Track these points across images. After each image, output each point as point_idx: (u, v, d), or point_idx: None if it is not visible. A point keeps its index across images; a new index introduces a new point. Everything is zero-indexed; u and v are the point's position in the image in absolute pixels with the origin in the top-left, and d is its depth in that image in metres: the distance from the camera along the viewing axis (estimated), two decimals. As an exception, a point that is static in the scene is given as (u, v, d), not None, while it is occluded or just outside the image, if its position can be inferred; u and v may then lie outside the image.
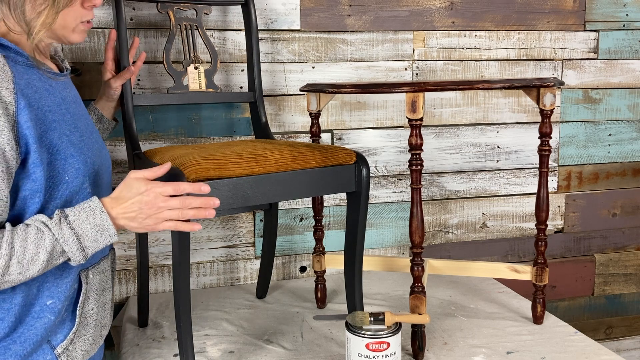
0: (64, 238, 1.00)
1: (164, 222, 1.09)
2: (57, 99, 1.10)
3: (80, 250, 1.02)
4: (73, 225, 1.01)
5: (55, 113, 1.07)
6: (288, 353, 1.45)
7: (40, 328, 1.08)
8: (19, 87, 1.00)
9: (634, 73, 2.23)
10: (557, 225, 2.23)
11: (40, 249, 0.98)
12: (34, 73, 1.07)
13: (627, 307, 2.36)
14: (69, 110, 1.12)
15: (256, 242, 1.95)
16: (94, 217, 1.03)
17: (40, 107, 1.04)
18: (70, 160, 1.07)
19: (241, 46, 1.85)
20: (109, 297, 1.23)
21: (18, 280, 0.98)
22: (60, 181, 1.06)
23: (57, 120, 1.07)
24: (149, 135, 1.81)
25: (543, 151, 1.51)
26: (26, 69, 1.05)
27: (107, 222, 1.04)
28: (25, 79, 1.03)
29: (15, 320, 1.05)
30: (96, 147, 1.18)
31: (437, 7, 2.00)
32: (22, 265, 0.97)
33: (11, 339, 1.06)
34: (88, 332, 1.16)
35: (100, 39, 1.74)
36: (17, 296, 1.05)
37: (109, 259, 1.23)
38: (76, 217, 1.02)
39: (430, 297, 1.79)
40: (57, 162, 1.05)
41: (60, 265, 1.08)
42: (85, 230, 1.02)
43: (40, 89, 1.06)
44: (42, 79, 1.08)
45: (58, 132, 1.06)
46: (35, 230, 0.99)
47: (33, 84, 1.05)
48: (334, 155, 1.41)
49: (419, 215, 1.37)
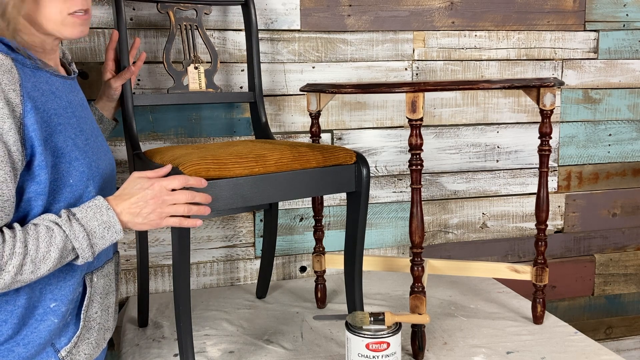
0: (75, 234, 1.01)
1: (167, 217, 1.10)
2: (63, 102, 1.10)
3: (90, 247, 1.03)
4: (82, 222, 1.02)
5: (61, 116, 1.08)
6: (288, 353, 1.45)
7: (44, 331, 1.08)
8: (26, 90, 1.00)
9: (634, 73, 2.23)
10: (557, 225, 2.23)
11: (51, 247, 0.99)
12: (41, 76, 1.07)
13: (627, 307, 2.36)
14: (75, 113, 1.13)
15: (256, 242, 1.95)
16: (100, 214, 1.04)
17: (47, 110, 1.04)
18: (74, 163, 1.07)
19: (241, 46, 1.86)
20: (112, 300, 1.23)
21: (29, 280, 0.99)
22: (64, 184, 1.06)
23: (63, 123, 1.07)
24: (149, 135, 1.81)
25: (543, 151, 1.51)
26: (34, 71, 1.06)
27: (114, 219, 1.05)
28: (32, 81, 1.03)
29: (18, 322, 1.05)
30: (101, 150, 1.18)
31: (437, 7, 2.00)
32: (35, 264, 0.98)
33: (15, 341, 1.06)
34: (92, 336, 1.16)
35: (100, 38, 1.74)
36: (21, 298, 1.05)
37: (113, 263, 1.23)
38: (84, 215, 1.03)
39: (430, 297, 1.79)
40: (62, 165, 1.06)
41: (63, 268, 1.09)
42: (93, 227, 1.03)
43: (46, 92, 1.06)
44: (49, 82, 1.09)
45: (63, 135, 1.06)
46: (45, 229, 0.99)
47: (40, 86, 1.05)
48: (334, 155, 1.41)
49: (419, 215, 1.37)
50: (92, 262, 1.16)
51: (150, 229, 1.11)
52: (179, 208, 1.10)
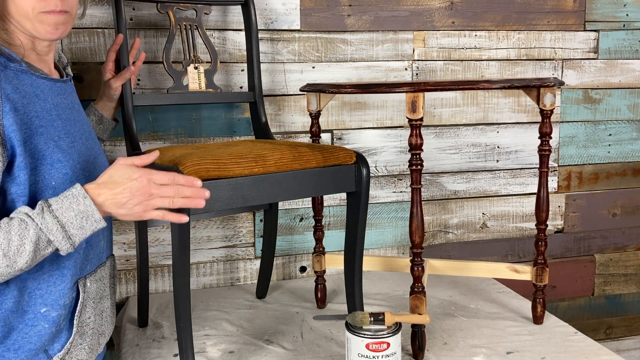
0: (48, 227, 0.98)
1: (152, 210, 1.06)
2: (47, 105, 1.10)
3: (67, 238, 1.00)
4: (56, 213, 0.99)
5: (44, 119, 1.07)
6: (288, 353, 1.45)
7: (34, 336, 1.07)
8: (5, 92, 1.00)
9: (634, 73, 2.23)
10: (557, 225, 2.23)
11: (25, 239, 0.97)
12: (26, 78, 1.07)
13: (627, 307, 2.36)
14: (61, 116, 1.12)
15: (256, 242, 1.95)
16: (77, 203, 1.00)
17: (27, 112, 1.04)
18: (57, 165, 1.07)
19: (241, 46, 1.85)
20: (107, 304, 1.22)
21: (7, 273, 0.97)
22: (46, 186, 1.05)
23: (45, 125, 1.07)
24: (149, 135, 1.81)
25: (543, 151, 1.51)
26: (17, 74, 1.06)
27: (91, 208, 1.01)
28: (13, 83, 1.03)
29: (5, 325, 1.05)
30: (90, 154, 1.17)
31: (437, 7, 2.00)
32: (9, 257, 0.96)
33: (5, 346, 1.05)
34: (85, 341, 1.15)
35: (100, 39, 1.74)
36: (8, 302, 1.05)
37: (106, 267, 1.23)
38: (59, 206, 1.00)
39: (430, 297, 1.79)
40: (43, 167, 1.05)
41: (52, 272, 1.08)
42: (70, 217, 1.00)
43: (29, 94, 1.06)
44: (34, 84, 1.09)
45: (44, 138, 1.06)
46: (19, 222, 0.97)
47: (22, 89, 1.05)
48: (334, 155, 1.41)
49: (419, 215, 1.37)
50: (85, 267, 1.15)
51: (133, 220, 1.08)
52: (165, 201, 1.06)
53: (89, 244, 1.15)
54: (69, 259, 1.10)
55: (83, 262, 1.14)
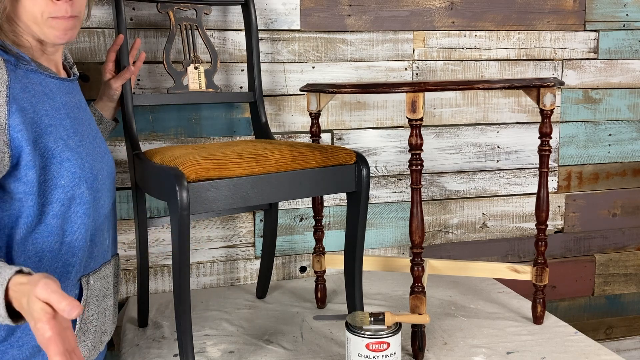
0: None
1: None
2: (56, 104, 1.10)
3: None
4: None
5: (53, 117, 1.08)
6: (288, 353, 1.45)
7: None
8: (13, 92, 1.00)
9: (634, 73, 2.23)
10: (557, 225, 2.23)
11: None
12: (35, 78, 1.07)
13: (627, 307, 2.36)
14: (69, 115, 1.13)
15: (256, 242, 1.95)
16: None
17: (37, 111, 1.04)
18: (65, 164, 1.07)
19: (241, 46, 1.85)
20: (110, 303, 1.22)
21: None
22: (55, 185, 1.06)
23: (54, 124, 1.07)
24: (149, 135, 1.81)
25: (543, 151, 1.51)
26: (26, 73, 1.06)
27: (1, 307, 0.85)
28: (23, 82, 1.04)
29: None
30: (97, 152, 1.18)
31: (437, 7, 2.00)
32: None
33: (9, 343, 1.05)
34: (88, 338, 1.15)
35: (100, 39, 1.74)
36: None
37: (111, 265, 1.23)
38: None
39: (430, 297, 1.79)
40: (52, 165, 1.05)
41: (56, 270, 1.08)
42: None
43: (38, 93, 1.06)
44: (43, 83, 1.09)
45: (54, 136, 1.06)
46: None
47: (31, 88, 1.05)
48: (334, 155, 1.41)
49: (419, 215, 1.37)
50: (89, 264, 1.15)
51: None
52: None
53: (93, 242, 1.15)
54: (74, 256, 1.10)
55: (87, 259, 1.14)
